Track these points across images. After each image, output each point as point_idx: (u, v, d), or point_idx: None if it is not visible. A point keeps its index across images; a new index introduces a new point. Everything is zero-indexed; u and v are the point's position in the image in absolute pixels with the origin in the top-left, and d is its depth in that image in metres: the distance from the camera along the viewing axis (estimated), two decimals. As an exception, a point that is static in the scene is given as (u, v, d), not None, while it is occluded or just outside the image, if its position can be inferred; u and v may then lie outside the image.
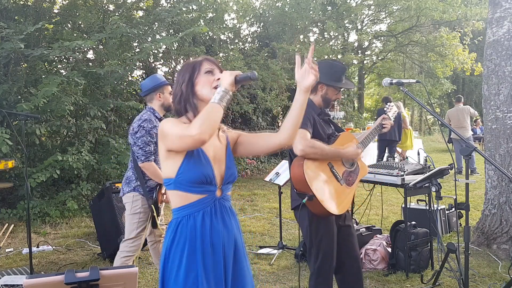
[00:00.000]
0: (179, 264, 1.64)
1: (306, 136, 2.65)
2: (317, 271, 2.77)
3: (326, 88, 2.83)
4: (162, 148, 1.69)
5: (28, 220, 4.04)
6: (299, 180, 2.62)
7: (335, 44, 16.87)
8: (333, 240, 2.77)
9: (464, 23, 15.16)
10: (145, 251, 4.76)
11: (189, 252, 1.64)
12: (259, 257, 4.56)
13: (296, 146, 2.62)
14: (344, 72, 2.89)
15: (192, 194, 1.67)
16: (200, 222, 1.66)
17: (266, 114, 12.29)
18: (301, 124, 2.61)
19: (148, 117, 3.26)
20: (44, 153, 6.67)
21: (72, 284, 1.61)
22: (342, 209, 2.73)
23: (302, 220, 2.81)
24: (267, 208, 6.99)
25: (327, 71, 2.84)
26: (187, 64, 1.82)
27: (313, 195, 2.58)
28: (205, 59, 1.82)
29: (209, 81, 1.76)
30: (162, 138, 1.67)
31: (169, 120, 1.70)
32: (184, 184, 1.66)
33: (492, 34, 4.72)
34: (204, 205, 1.68)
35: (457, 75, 22.57)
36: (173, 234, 1.68)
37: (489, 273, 3.96)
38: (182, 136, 1.58)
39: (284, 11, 13.87)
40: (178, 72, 1.83)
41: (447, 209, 5.21)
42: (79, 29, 7.68)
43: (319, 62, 3.02)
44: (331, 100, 2.87)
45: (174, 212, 1.71)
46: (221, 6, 10.18)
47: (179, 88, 1.78)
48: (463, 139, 2.73)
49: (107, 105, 6.83)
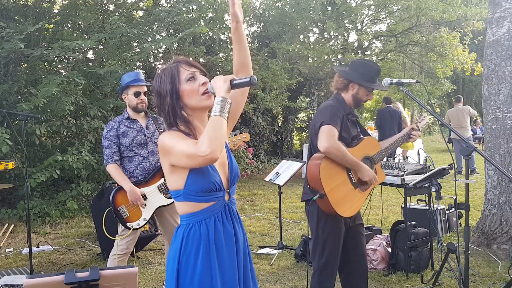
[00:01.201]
0: (194, 267, 1.62)
1: (334, 135, 2.63)
2: (321, 269, 2.77)
3: (358, 87, 2.79)
4: (166, 163, 1.63)
5: (28, 220, 4.04)
6: (314, 177, 2.62)
7: (335, 44, 16.85)
8: (339, 239, 2.76)
9: (464, 23, 15.14)
10: (145, 251, 4.76)
11: (204, 256, 1.62)
12: (259, 257, 4.56)
13: (321, 142, 2.61)
14: (378, 73, 2.83)
15: (202, 203, 1.65)
16: (213, 227, 1.65)
17: (266, 114, 12.29)
18: (331, 120, 2.65)
19: (110, 122, 3.43)
20: (44, 153, 6.67)
21: (72, 284, 1.61)
22: (350, 212, 2.73)
23: (311, 216, 2.81)
24: (267, 208, 6.99)
25: (361, 71, 2.80)
26: (163, 74, 1.67)
27: (325, 194, 2.58)
28: (179, 63, 1.68)
29: (194, 89, 1.65)
30: (165, 154, 1.61)
31: (169, 134, 1.62)
32: (193, 194, 1.63)
33: (492, 34, 4.72)
34: (215, 211, 1.67)
35: (457, 75, 22.55)
36: (184, 239, 1.64)
37: (489, 273, 3.96)
38: (192, 156, 1.52)
39: (284, 11, 13.86)
40: (156, 84, 1.68)
41: (447, 209, 5.21)
42: (79, 29, 7.68)
43: (353, 61, 2.99)
44: (362, 100, 2.84)
45: (184, 218, 1.68)
46: (221, 6, 10.16)
47: (163, 102, 1.66)
48: (463, 139, 2.73)
49: (107, 105, 6.83)
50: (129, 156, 3.36)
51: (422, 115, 3.19)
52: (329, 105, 2.79)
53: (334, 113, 2.69)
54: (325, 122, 2.64)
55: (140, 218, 3.27)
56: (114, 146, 3.32)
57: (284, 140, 13.78)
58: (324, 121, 2.65)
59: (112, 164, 3.29)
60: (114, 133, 3.34)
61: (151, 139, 3.43)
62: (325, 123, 2.63)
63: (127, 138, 3.35)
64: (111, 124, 3.39)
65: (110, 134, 3.33)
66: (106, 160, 3.32)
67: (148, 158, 3.39)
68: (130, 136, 3.35)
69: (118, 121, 3.40)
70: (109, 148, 3.31)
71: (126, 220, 3.25)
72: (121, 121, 3.40)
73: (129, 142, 3.34)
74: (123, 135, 3.35)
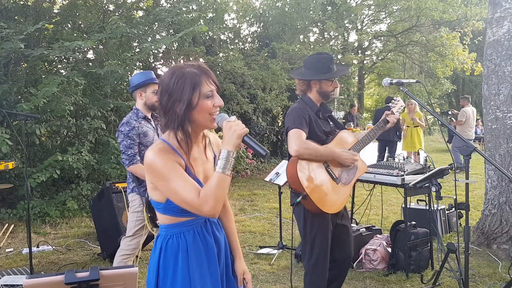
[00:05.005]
0: (173, 279, 1.60)
1: (301, 137, 2.66)
2: (312, 269, 2.78)
3: (319, 83, 2.82)
4: (149, 180, 1.57)
5: (28, 220, 4.04)
6: (293, 179, 2.66)
7: (335, 44, 16.87)
8: (327, 237, 2.78)
9: (464, 23, 15.16)
10: (145, 251, 4.76)
11: (183, 269, 1.60)
12: (259, 257, 4.56)
13: (291, 147, 2.65)
14: (331, 61, 2.84)
15: (181, 217, 1.61)
16: (192, 240, 1.62)
17: (266, 114, 12.28)
18: (296, 124, 2.68)
19: (127, 119, 3.30)
20: (44, 153, 6.67)
21: (72, 284, 1.61)
22: (336, 208, 2.76)
23: (298, 217, 2.84)
24: (267, 208, 6.99)
25: (315, 66, 2.84)
26: (184, 77, 1.55)
27: (306, 194, 2.61)
28: (203, 74, 1.58)
29: (208, 107, 1.56)
30: (153, 176, 1.53)
31: (160, 157, 1.52)
32: (174, 211, 1.58)
33: (492, 34, 4.72)
34: (194, 225, 1.64)
35: (457, 75, 22.56)
36: (163, 250, 1.62)
37: (489, 273, 3.96)
38: (191, 205, 1.50)
39: (284, 11, 13.87)
40: (170, 82, 1.56)
41: (447, 209, 5.20)
42: (79, 29, 7.68)
43: (305, 59, 3.04)
44: (328, 92, 2.84)
45: (163, 228, 1.64)
46: (221, 6, 10.17)
47: (173, 105, 1.55)
48: (463, 139, 2.73)
49: (107, 105, 6.83)
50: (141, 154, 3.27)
51: (396, 99, 3.17)
52: (293, 109, 2.82)
53: (297, 115, 2.73)
54: (290, 127, 2.70)
55: None
56: (136, 146, 3.23)
57: (284, 140, 13.77)
58: (289, 126, 2.71)
59: (138, 165, 3.21)
60: (136, 132, 3.24)
61: None
62: (290, 128, 2.69)
63: (148, 137, 3.28)
64: (133, 123, 3.26)
65: (132, 133, 3.23)
66: (129, 161, 3.22)
67: None
68: (151, 136, 3.30)
69: (137, 119, 3.30)
70: (132, 148, 3.22)
71: None
72: (139, 120, 3.30)
73: (150, 142, 3.26)
74: (144, 134, 3.27)
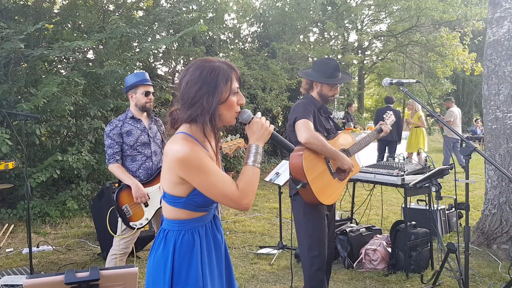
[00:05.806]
0: (187, 275, 1.61)
1: (310, 126, 2.80)
2: (313, 261, 2.85)
3: (321, 85, 2.97)
4: (176, 175, 1.55)
5: (28, 220, 4.04)
6: (297, 167, 2.77)
7: (335, 44, 16.87)
8: (324, 229, 2.92)
9: (464, 23, 15.15)
10: (145, 251, 4.76)
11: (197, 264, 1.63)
12: (259, 257, 4.56)
13: (301, 134, 2.77)
14: (336, 68, 3.00)
15: (198, 212, 1.66)
16: (204, 235, 1.67)
17: (266, 114, 12.27)
18: (303, 114, 2.83)
19: (113, 120, 3.40)
20: (44, 153, 6.66)
21: (72, 284, 1.61)
22: (331, 200, 2.91)
23: (297, 208, 2.95)
24: (267, 208, 7.00)
25: (321, 69, 2.99)
26: (217, 68, 1.56)
27: (307, 182, 2.73)
28: (233, 70, 1.60)
29: (234, 103, 1.60)
30: (186, 171, 1.52)
31: (193, 150, 1.52)
32: (194, 205, 1.62)
33: (492, 34, 4.72)
34: (206, 220, 1.70)
35: (457, 75, 22.56)
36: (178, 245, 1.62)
37: (489, 273, 3.96)
38: (229, 198, 1.55)
39: (284, 11, 13.87)
40: (203, 75, 1.55)
41: (447, 209, 5.21)
42: (79, 29, 7.68)
43: (314, 61, 3.24)
44: (327, 95, 3.01)
45: (174, 224, 1.64)
46: (221, 6, 10.17)
47: (203, 98, 1.54)
48: (463, 139, 2.74)
49: (107, 105, 6.83)
50: (132, 155, 3.34)
51: (388, 113, 3.41)
52: (300, 102, 3.00)
53: (305, 108, 2.89)
54: (298, 117, 2.83)
55: (143, 218, 3.28)
56: (116, 145, 3.30)
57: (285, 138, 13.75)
58: (297, 116, 2.84)
59: (115, 164, 3.29)
60: (117, 132, 3.31)
61: (154, 140, 3.43)
62: (299, 118, 2.83)
63: (131, 137, 3.33)
64: (115, 123, 3.36)
65: (113, 132, 3.30)
66: (108, 160, 3.31)
67: (151, 158, 3.39)
68: (135, 135, 3.34)
69: (121, 119, 3.37)
70: (111, 148, 3.29)
71: (129, 219, 3.25)
72: (125, 120, 3.37)
73: (134, 141, 3.33)
74: (128, 134, 3.33)
